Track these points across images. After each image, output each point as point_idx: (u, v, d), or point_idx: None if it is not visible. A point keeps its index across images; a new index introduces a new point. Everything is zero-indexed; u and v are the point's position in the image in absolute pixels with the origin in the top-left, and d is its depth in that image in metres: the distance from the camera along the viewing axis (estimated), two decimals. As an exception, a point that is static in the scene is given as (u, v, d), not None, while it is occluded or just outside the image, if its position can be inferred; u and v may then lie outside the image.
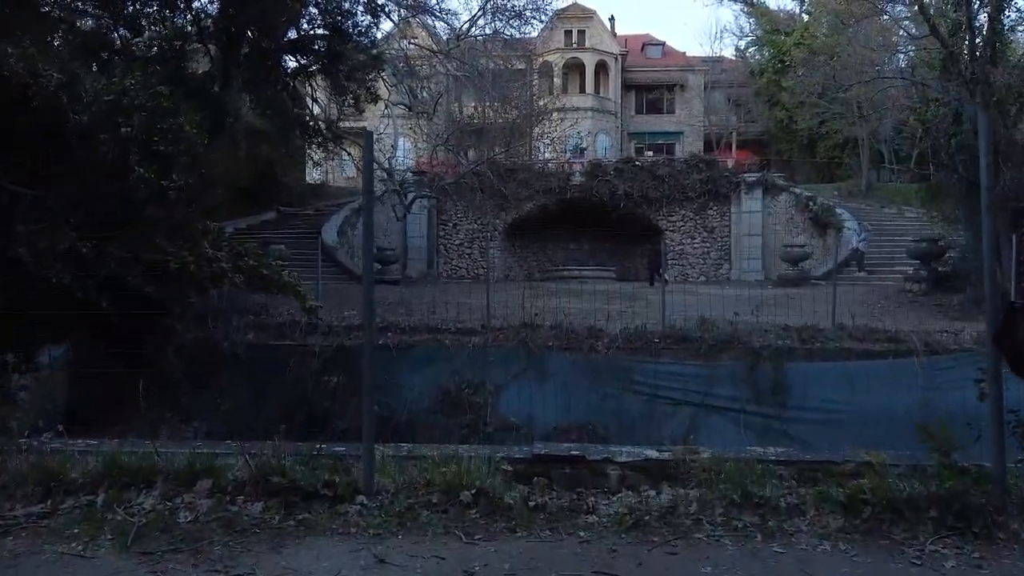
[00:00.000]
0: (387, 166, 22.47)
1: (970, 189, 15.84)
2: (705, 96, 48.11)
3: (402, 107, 24.81)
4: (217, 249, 9.12)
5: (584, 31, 47.56)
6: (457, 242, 28.86)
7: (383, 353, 12.38)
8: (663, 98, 50.06)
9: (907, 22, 28.10)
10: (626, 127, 49.06)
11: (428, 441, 11.70)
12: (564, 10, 46.18)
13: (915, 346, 11.79)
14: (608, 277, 28.09)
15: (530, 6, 24.84)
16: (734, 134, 45.26)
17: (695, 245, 27.91)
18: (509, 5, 22.53)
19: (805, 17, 42.86)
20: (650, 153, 49.75)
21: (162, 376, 11.64)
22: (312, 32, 18.08)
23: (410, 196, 24.21)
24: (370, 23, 18.43)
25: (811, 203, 25.55)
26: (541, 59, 46.52)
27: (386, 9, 20.09)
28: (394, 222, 26.37)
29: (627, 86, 49.10)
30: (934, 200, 17.14)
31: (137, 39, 16.12)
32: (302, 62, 19.10)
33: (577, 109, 45.56)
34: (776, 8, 46.82)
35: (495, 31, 24.62)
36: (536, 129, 28.13)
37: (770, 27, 45.44)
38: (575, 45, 47.17)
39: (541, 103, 42.41)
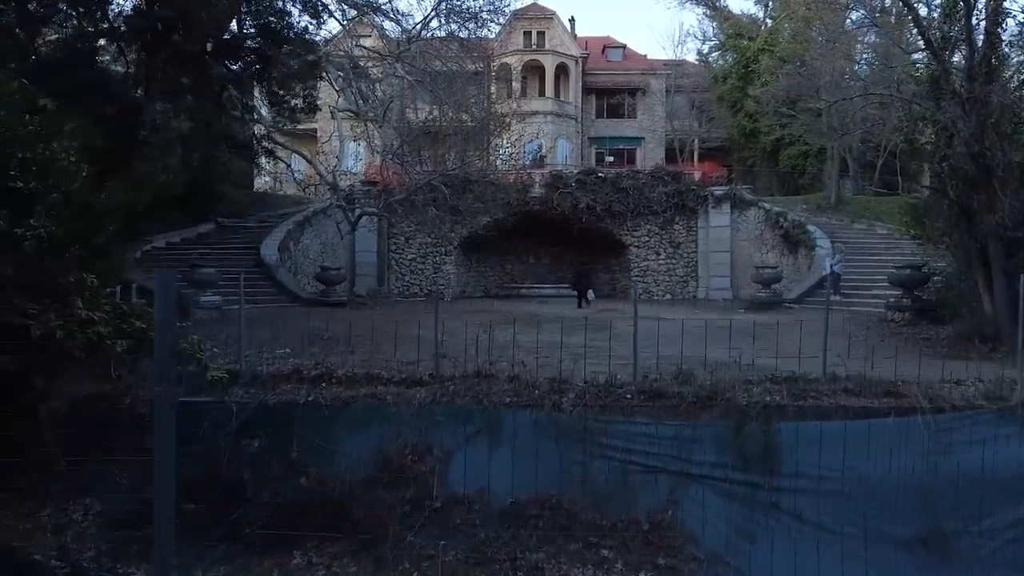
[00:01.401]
0: (331, 178, 20.60)
1: (961, 215, 14.71)
2: (667, 101, 47.05)
3: (350, 113, 22.95)
4: (94, 309, 7.29)
5: (544, 32, 46.15)
6: (409, 257, 27.08)
7: (315, 413, 10.65)
8: (624, 103, 48.91)
9: (872, 33, 27.22)
10: (587, 132, 47.80)
11: (365, 522, 10.08)
12: (523, 10, 44.70)
13: (918, 402, 10.46)
14: (570, 294, 26.62)
15: (487, 7, 23.20)
16: (696, 141, 44.21)
17: (660, 261, 26.58)
18: (464, 6, 20.89)
19: (769, 22, 41.95)
20: (611, 158, 48.67)
21: (42, 447, 9.78)
22: (243, 34, 16.16)
23: (357, 212, 22.37)
24: (308, 24, 16.62)
25: (781, 219, 24.38)
26: (499, 61, 44.99)
27: (329, 9, 18.31)
28: (343, 235, 24.46)
29: (588, 90, 47.83)
30: (919, 223, 15.93)
31: (39, 41, 14.06)
32: (234, 68, 17.11)
33: (537, 113, 44.25)
34: (739, 12, 45.93)
35: (449, 33, 22.90)
36: (495, 136, 26.49)
37: (733, 31, 44.53)
38: (535, 47, 45.73)
39: (500, 107, 40.95)
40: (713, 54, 46.58)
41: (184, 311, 17.03)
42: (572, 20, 49.67)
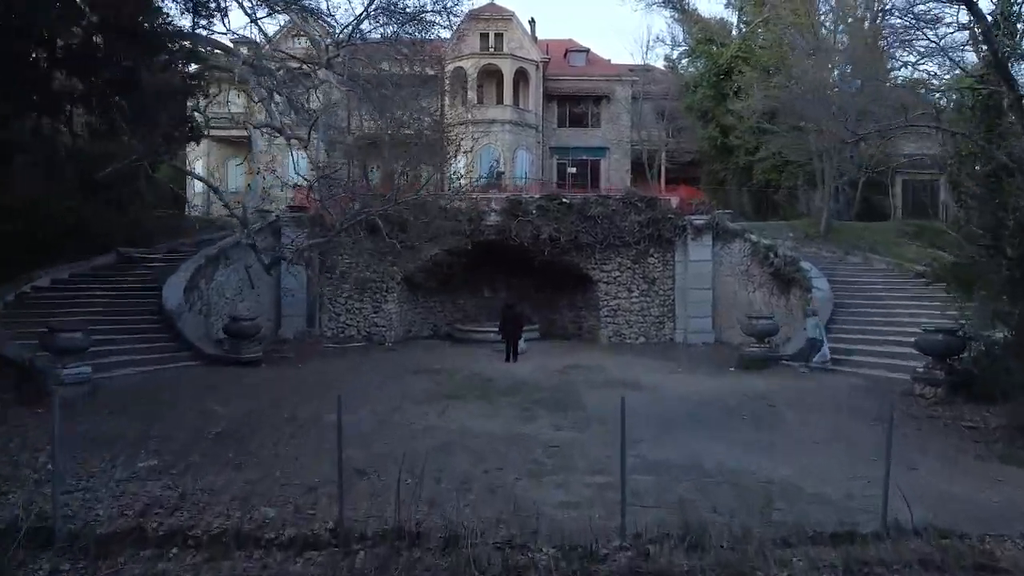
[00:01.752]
0: (242, 210, 16.91)
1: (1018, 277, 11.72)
2: (634, 110, 44.03)
3: (270, 131, 19.29)
4: None
5: (502, 35, 42.68)
6: (345, 295, 23.44)
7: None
8: (588, 111, 45.74)
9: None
10: (548, 141, 44.51)
11: None
12: (479, 11, 41.21)
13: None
14: (530, 335, 23.26)
15: (432, 7, 19.72)
16: (663, 155, 41.18)
17: (633, 299, 23.35)
18: (401, 6, 17.41)
19: (743, 27, 39.13)
20: (573, 170, 45.48)
21: None
22: (96, 39, 12.38)
23: (271, 255, 18.71)
24: (194, 26, 12.94)
25: (771, 254, 21.33)
26: (454, 65, 41.49)
27: (224, 7, 14.70)
28: (264, 273, 20.63)
29: (549, 96, 44.53)
30: (964, 286, 12.90)
31: None
32: (90, 81, 13.25)
33: (495, 122, 40.85)
34: (709, 16, 43.08)
35: (386, 36, 19.35)
36: (444, 157, 23.05)
37: (703, 36, 41.61)
38: (492, 50, 42.26)
39: (454, 115, 37.42)
40: (683, 61, 43.65)
41: (33, 395, 13.29)
42: (532, 22, 46.36)
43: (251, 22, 16.79)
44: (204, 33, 15.70)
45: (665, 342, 23.28)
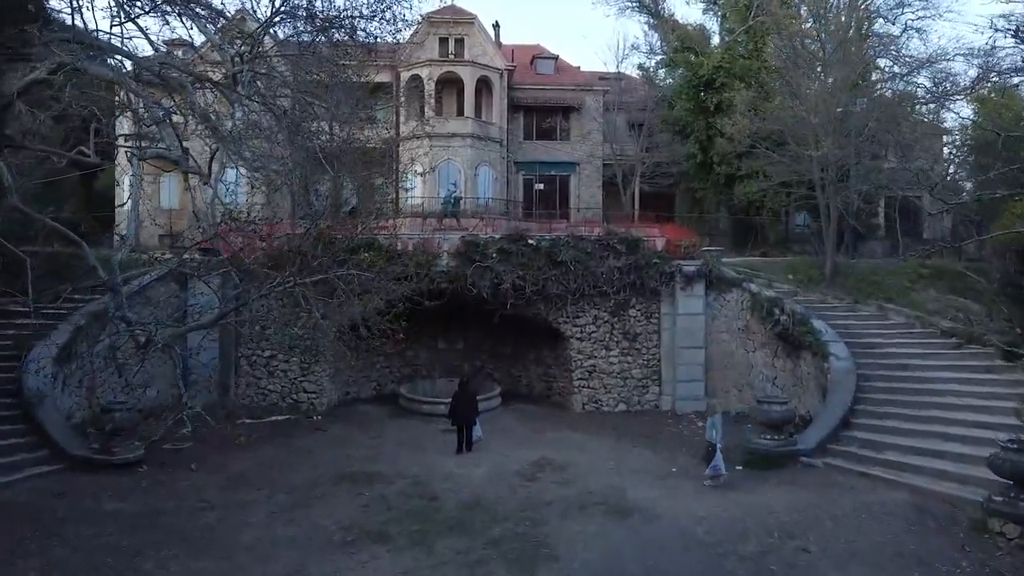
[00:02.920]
0: (114, 270, 12.88)
1: None
2: (606, 122, 40.55)
3: (160, 155, 15.26)
4: None
5: (463, 40, 38.87)
6: (267, 354, 19.46)
7: None
8: (557, 123, 42.15)
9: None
10: (513, 155, 40.80)
11: None
12: (438, 14, 37.40)
13: None
14: (491, 402, 19.59)
15: (367, 9, 15.80)
16: (638, 177, 37.67)
17: (612, 359, 19.70)
18: (315, 9, 13.51)
19: (726, 36, 35.76)
20: (540, 186, 41.87)
21: None
22: None
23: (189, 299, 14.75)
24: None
25: (776, 310, 17.83)
26: (410, 73, 37.64)
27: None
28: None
29: (514, 107, 40.80)
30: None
31: None
32: None
33: (454, 136, 37.05)
34: (686, 22, 39.59)
35: (302, 44, 15.40)
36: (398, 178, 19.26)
37: (680, 44, 38.12)
38: (452, 56, 38.44)
39: (410, 129, 33.60)
40: (660, 71, 40.13)
41: None
42: (496, 26, 42.60)
43: (124, 21, 12.77)
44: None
45: (650, 410, 19.66)
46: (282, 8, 13.44)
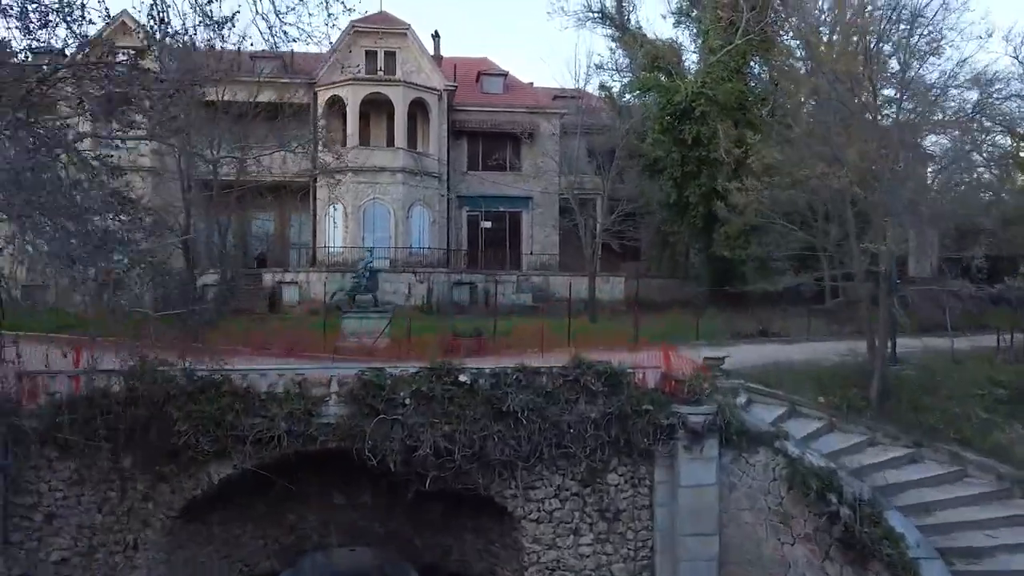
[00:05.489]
0: None
1: None
2: (564, 148, 34.68)
3: None
4: None
5: (395, 54, 32.58)
6: (64, 543, 12.86)
7: None
8: (506, 151, 36.19)
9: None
10: (455, 189, 34.71)
11: None
12: (364, 22, 30.98)
13: None
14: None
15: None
16: (600, 217, 31.72)
17: (583, 547, 13.57)
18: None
19: (709, 55, 30.06)
20: (488, 225, 35.86)
21: None
22: None
23: None
24: None
25: (832, 495, 11.98)
26: (328, 94, 31.27)
27: None
28: None
29: (457, 132, 34.75)
30: None
31: None
32: None
33: (382, 170, 30.85)
34: (655, 37, 33.83)
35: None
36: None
37: (648, 63, 32.32)
38: (381, 73, 32.12)
39: (327, 162, 27.18)
40: (626, 96, 34.26)
41: None
42: (436, 36, 36.41)
43: None
44: None
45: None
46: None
